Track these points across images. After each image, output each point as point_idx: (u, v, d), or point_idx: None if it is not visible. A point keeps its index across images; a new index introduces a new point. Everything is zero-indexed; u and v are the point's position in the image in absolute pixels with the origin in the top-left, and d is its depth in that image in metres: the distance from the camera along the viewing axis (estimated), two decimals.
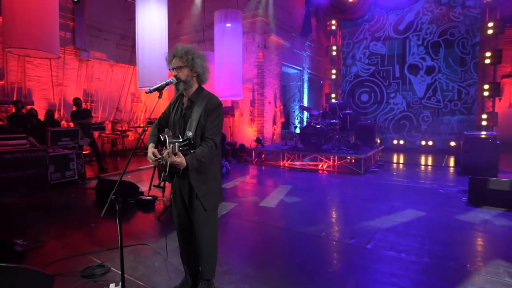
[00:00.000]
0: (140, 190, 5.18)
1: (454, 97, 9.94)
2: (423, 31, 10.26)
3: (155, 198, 4.88)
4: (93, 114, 8.79)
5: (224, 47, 8.74)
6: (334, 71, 11.54)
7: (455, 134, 9.92)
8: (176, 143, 1.92)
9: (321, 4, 11.06)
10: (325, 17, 11.65)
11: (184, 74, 2.21)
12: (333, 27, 11.62)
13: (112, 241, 3.42)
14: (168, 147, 2.09)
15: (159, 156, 2.22)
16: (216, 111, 2.25)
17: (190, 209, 2.31)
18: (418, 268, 2.80)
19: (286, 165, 8.13)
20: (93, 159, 8.00)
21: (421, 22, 10.28)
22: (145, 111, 12.01)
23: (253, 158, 8.78)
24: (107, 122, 10.70)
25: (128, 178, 6.79)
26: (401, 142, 10.62)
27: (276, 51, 10.60)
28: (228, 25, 8.80)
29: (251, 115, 10.08)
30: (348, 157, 7.32)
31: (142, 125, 11.60)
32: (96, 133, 9.18)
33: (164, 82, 2.22)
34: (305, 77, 12.73)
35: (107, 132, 10.42)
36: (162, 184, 5.58)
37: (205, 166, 2.22)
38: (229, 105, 10.32)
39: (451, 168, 7.59)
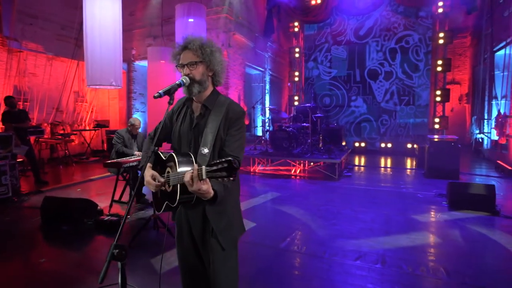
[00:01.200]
0: (98, 208, 4.34)
1: (410, 101, 10.49)
2: (382, 38, 10.66)
3: (119, 217, 4.10)
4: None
5: None
6: (297, 74, 11.45)
7: (410, 137, 10.46)
8: (204, 168, 1.36)
9: (283, 4, 10.88)
10: (287, 18, 11.51)
11: (199, 72, 1.66)
12: (296, 29, 11.53)
13: (76, 284, 2.66)
14: (175, 168, 1.54)
15: (162, 180, 1.65)
16: (239, 121, 1.74)
17: (203, 248, 1.74)
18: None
19: (256, 171, 7.71)
20: (28, 168, 6.71)
21: (379, 28, 10.67)
22: (91, 111, 10.65)
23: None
24: (45, 124, 9.21)
25: (78, 191, 5.77)
26: (362, 144, 10.90)
27: (240, 51, 10.15)
28: (191, 20, 8.12)
29: None
30: (322, 162, 7.16)
31: (88, 128, 10.25)
32: (32, 138, 7.77)
33: (175, 84, 1.64)
34: (267, 78, 12.48)
35: (46, 136, 8.95)
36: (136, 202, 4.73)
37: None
38: None
39: (414, 171, 7.87)
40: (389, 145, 10.54)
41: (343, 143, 9.26)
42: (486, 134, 9.32)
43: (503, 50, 8.29)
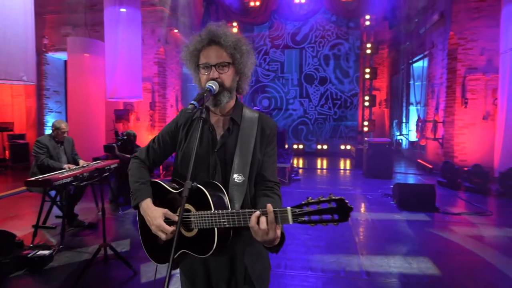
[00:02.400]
0: (16, 238, 3.38)
1: (342, 105, 11.23)
2: (317, 44, 11.16)
3: (51, 250, 3.24)
4: None
5: (119, 37, 7.06)
6: None
7: (343, 139, 11.20)
8: (289, 209, 1.00)
9: (221, 3, 10.53)
10: (225, 17, 11.14)
11: (229, 77, 1.27)
12: (234, 29, 11.25)
13: None
14: (207, 205, 1.15)
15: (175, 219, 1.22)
16: (275, 137, 1.40)
17: None
18: None
19: None
20: None
21: (315, 35, 11.16)
22: None
23: (160, 171, 7.44)
24: None
25: None
26: (300, 146, 11.25)
27: (177, 48, 9.42)
28: (123, 10, 7.17)
29: (151, 120, 8.59)
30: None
31: None
32: None
33: (206, 90, 1.21)
34: None
35: None
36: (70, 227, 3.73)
37: None
38: (121, 107, 8.50)
39: (354, 172, 8.38)
40: (325, 146, 11.10)
41: (286, 146, 9.35)
42: (405, 135, 10.53)
43: (419, 62, 9.46)
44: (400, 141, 10.94)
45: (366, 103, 10.57)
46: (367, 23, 10.31)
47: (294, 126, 11.49)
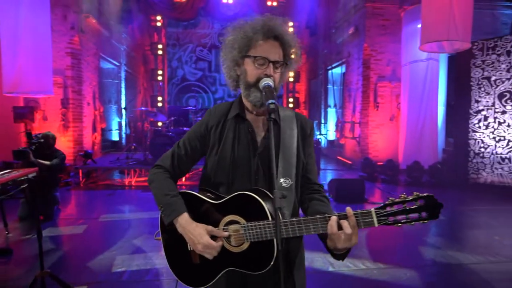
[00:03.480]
0: None
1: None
2: None
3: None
4: None
5: (20, 20, 5.84)
6: (160, 72, 10.49)
7: None
8: (373, 211, 0.96)
9: None
10: (148, 9, 10.35)
11: (279, 77, 1.18)
12: (158, 23, 10.51)
13: None
14: (263, 215, 1.06)
15: (224, 235, 1.08)
16: (313, 136, 1.35)
17: None
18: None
19: (133, 183, 6.54)
20: None
21: None
22: None
23: (80, 179, 6.47)
24: None
25: None
26: None
27: (94, 39, 8.34)
28: None
29: (63, 120, 7.38)
30: None
31: None
32: None
33: (270, 89, 1.08)
34: (122, 74, 10.87)
35: None
36: None
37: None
38: (22, 104, 7.07)
39: None
40: None
41: None
42: (324, 135, 11.56)
43: (337, 69, 10.50)
44: (320, 140, 11.96)
45: (291, 105, 11.21)
46: (291, 29, 10.94)
47: None
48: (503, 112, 6.30)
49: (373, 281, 2.83)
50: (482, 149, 6.54)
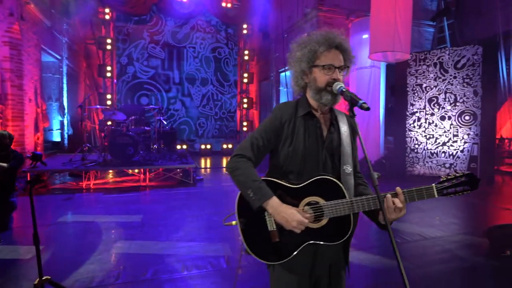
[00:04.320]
0: None
1: (222, 107, 11.76)
2: (198, 45, 11.24)
3: None
4: None
5: None
6: (109, 69, 9.86)
7: (224, 138, 11.77)
8: (434, 186, 1.25)
9: None
10: (97, 0, 9.64)
11: (342, 78, 1.40)
12: (107, 16, 9.88)
13: None
14: (338, 194, 1.29)
15: (308, 216, 1.27)
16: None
17: (335, 284, 1.45)
18: None
19: (92, 186, 6.13)
20: None
21: (196, 36, 11.19)
22: None
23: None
24: None
25: None
26: (184, 146, 11.05)
27: (34, 28, 7.52)
28: None
29: (0, 118, 6.53)
30: (176, 168, 6.75)
31: None
32: None
33: (349, 92, 1.29)
34: (64, 69, 9.93)
35: None
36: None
37: None
38: None
39: None
40: (208, 146, 11.36)
41: (178, 147, 9.09)
42: None
43: (288, 71, 11.08)
44: None
45: (245, 105, 11.52)
46: (245, 31, 11.24)
47: (176, 125, 11.18)
48: (432, 114, 7.45)
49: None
50: (416, 146, 7.64)
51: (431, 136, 7.46)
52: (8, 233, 3.90)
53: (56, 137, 9.57)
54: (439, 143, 7.37)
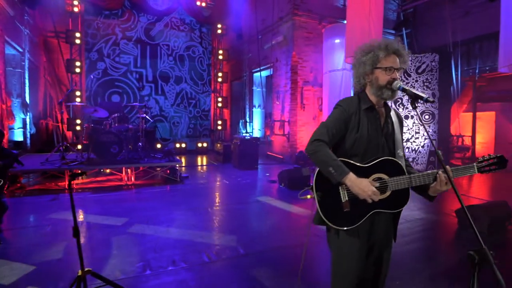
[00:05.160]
0: None
1: (197, 105, 11.75)
2: (172, 43, 11.09)
3: None
4: None
5: None
6: (78, 64, 9.35)
7: (197, 137, 11.76)
8: (475, 165, 1.60)
9: None
10: None
11: (399, 77, 1.72)
12: (76, 9, 9.36)
13: None
14: (400, 172, 1.60)
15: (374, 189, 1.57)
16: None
17: (383, 249, 1.78)
18: None
19: (74, 186, 5.88)
20: None
21: (170, 34, 11.03)
22: None
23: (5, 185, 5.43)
24: None
25: None
26: (158, 146, 10.85)
27: None
28: None
29: None
30: (159, 168, 6.71)
31: None
32: None
33: (410, 90, 1.60)
34: (26, 63, 9.24)
35: None
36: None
37: None
38: None
39: (224, 165, 9.17)
40: (183, 145, 11.27)
41: (158, 146, 8.97)
42: (249, 133, 12.36)
43: (264, 72, 11.42)
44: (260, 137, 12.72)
45: (219, 104, 11.64)
46: (219, 31, 11.35)
47: (150, 124, 10.92)
48: None
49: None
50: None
51: None
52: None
53: (19, 136, 8.88)
54: (404, 139, 8.21)
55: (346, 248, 1.70)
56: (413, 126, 8.09)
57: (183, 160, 9.80)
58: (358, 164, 1.65)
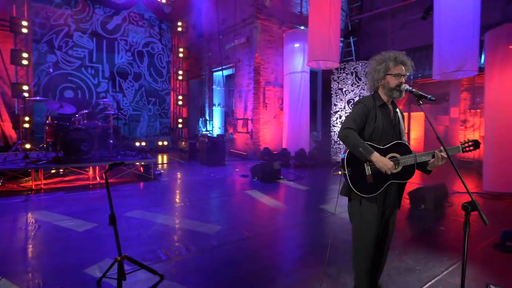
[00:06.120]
0: None
1: (156, 103, 11.52)
2: (130, 38, 10.72)
3: None
4: None
5: None
6: (26, 55, 8.54)
7: (157, 136, 11.56)
8: (460, 146, 2.19)
9: None
10: None
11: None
12: None
13: None
14: (407, 153, 2.15)
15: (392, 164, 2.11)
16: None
17: (391, 213, 2.33)
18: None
19: (42, 186, 5.54)
20: None
21: (128, 28, 10.65)
22: None
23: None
24: None
25: None
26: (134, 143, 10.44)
27: None
28: None
29: None
30: (138, 163, 6.62)
31: None
32: None
33: (414, 90, 2.13)
34: None
35: None
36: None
37: None
38: None
39: (191, 162, 9.26)
40: (143, 143, 10.99)
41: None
42: (209, 131, 12.53)
43: (226, 71, 11.68)
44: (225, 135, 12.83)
45: (180, 102, 11.60)
46: (179, 29, 11.31)
47: (124, 121, 10.43)
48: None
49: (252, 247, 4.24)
50: (338, 139, 9.37)
51: None
52: None
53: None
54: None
55: (367, 214, 2.19)
56: None
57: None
58: (377, 146, 2.15)
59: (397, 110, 2.36)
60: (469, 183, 6.80)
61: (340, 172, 2.21)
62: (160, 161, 9.46)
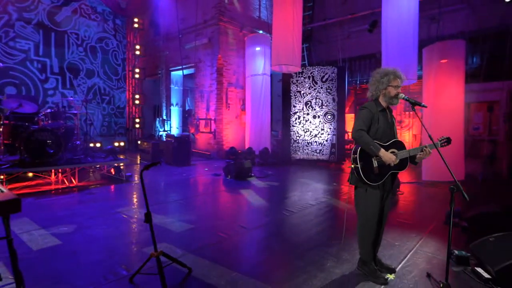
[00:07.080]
0: None
1: (111, 102, 10.94)
2: (82, 32, 10.00)
3: None
4: None
5: None
6: None
7: (112, 136, 10.99)
8: (439, 142, 2.81)
9: None
10: None
11: None
12: None
13: None
14: (402, 149, 2.74)
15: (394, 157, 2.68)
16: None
17: (387, 197, 2.89)
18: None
19: (4, 190, 5.05)
20: None
21: (79, 22, 9.91)
22: None
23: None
24: None
25: None
26: (98, 145, 9.67)
27: None
28: None
29: None
30: (117, 164, 6.36)
31: None
32: None
33: (409, 98, 2.69)
34: None
35: None
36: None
37: None
38: None
39: (156, 163, 9.06)
40: (98, 144, 10.35)
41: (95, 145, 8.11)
42: (167, 131, 12.30)
43: (187, 71, 11.57)
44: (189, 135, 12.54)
45: (137, 102, 11.20)
46: (136, 25, 10.92)
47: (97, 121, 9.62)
48: (307, 114, 10.05)
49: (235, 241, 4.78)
50: (297, 137, 10.09)
51: (307, 130, 10.07)
52: None
53: None
54: (312, 135, 10.06)
55: (372, 198, 2.71)
56: (319, 124, 10.01)
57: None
58: (382, 143, 2.68)
59: (392, 114, 2.93)
60: (413, 174, 8.01)
61: (353, 166, 2.69)
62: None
